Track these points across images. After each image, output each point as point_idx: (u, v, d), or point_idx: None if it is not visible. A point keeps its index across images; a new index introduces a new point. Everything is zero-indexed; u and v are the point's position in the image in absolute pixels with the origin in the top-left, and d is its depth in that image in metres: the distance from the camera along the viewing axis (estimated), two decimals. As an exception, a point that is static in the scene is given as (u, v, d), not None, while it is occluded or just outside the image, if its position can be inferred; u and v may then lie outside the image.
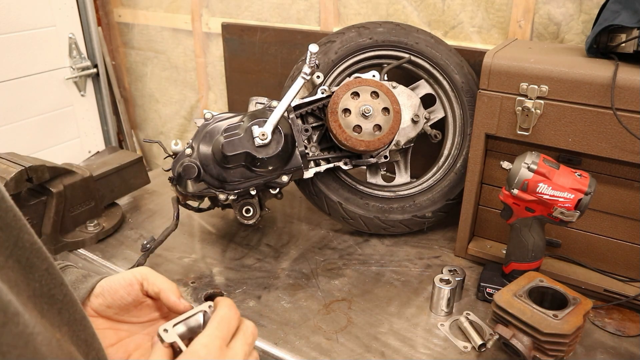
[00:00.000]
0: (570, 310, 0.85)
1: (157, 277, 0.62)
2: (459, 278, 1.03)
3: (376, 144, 1.10)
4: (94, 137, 2.20)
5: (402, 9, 1.48)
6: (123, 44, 2.23)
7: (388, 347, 0.93)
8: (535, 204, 0.95)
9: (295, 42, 1.62)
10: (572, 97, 0.95)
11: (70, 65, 2.04)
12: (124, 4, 2.13)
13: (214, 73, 1.98)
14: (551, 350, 0.82)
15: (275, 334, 0.96)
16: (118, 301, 0.63)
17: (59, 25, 1.97)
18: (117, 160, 1.37)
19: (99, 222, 1.26)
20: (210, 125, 1.10)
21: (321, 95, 1.16)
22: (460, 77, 1.24)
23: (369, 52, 1.25)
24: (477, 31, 1.40)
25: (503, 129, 1.04)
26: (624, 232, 1.03)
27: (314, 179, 1.20)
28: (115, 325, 0.64)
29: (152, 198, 1.48)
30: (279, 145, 1.07)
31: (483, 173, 1.13)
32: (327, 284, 1.11)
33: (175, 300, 0.61)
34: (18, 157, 1.14)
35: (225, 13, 1.83)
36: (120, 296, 0.62)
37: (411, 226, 1.26)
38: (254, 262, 1.19)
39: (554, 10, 1.27)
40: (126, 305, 0.63)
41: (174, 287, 0.62)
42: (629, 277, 1.05)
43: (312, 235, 1.29)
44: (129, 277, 0.62)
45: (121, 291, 0.62)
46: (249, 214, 1.13)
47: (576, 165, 1.02)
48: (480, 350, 0.91)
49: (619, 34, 0.97)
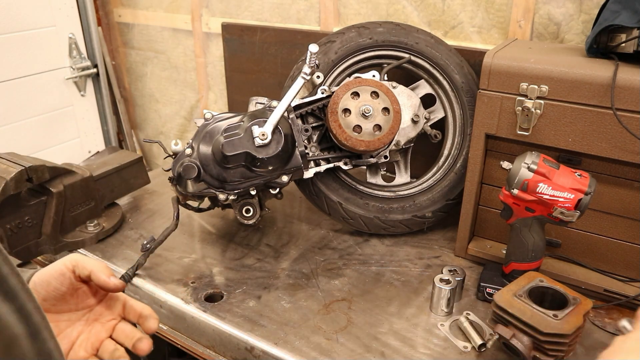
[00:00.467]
0: (570, 310, 0.85)
1: (87, 261, 0.63)
2: (459, 278, 1.03)
3: (376, 144, 1.10)
4: (94, 137, 2.20)
5: (402, 9, 1.48)
6: (123, 44, 2.23)
7: (388, 347, 0.93)
8: (535, 204, 0.95)
9: (295, 42, 1.62)
10: (572, 97, 0.95)
11: (70, 65, 2.04)
12: (124, 4, 2.13)
13: (214, 73, 1.98)
14: (551, 350, 0.82)
15: (275, 334, 0.96)
16: (52, 292, 0.63)
17: (59, 25, 1.97)
18: (117, 160, 1.37)
19: (99, 222, 1.26)
20: (210, 125, 1.10)
21: (321, 95, 1.16)
22: (460, 77, 1.24)
23: (369, 52, 1.25)
24: (477, 31, 1.40)
25: (503, 129, 1.04)
26: (624, 232, 1.03)
27: (314, 179, 1.20)
28: (55, 317, 0.65)
29: (152, 198, 1.48)
30: (279, 145, 1.07)
31: (483, 173, 1.13)
32: (327, 284, 1.11)
33: (105, 279, 0.62)
34: (18, 157, 1.14)
35: (225, 13, 1.83)
36: (54, 287, 0.63)
37: (411, 226, 1.26)
38: (254, 262, 1.19)
39: (554, 10, 1.27)
40: (62, 295, 0.64)
41: (103, 267, 0.63)
42: (629, 277, 1.05)
43: (312, 235, 1.29)
44: (60, 267, 0.63)
45: (54, 282, 0.63)
46: (249, 214, 1.13)
47: (576, 165, 1.02)
48: (480, 350, 0.91)
49: (619, 34, 0.97)
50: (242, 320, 1.00)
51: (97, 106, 2.18)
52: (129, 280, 1.08)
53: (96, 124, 2.20)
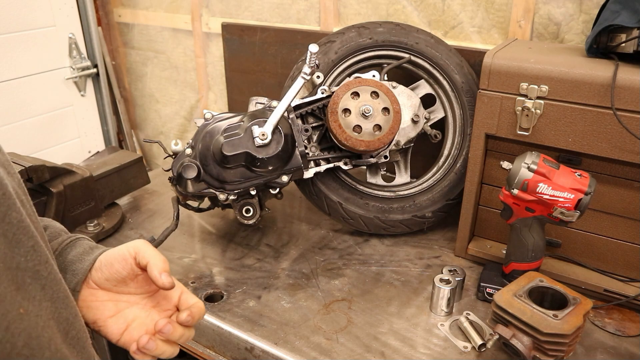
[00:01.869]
0: (570, 310, 0.85)
1: (148, 251, 0.65)
2: (459, 278, 1.03)
3: (376, 144, 1.10)
4: (94, 137, 2.20)
5: (402, 9, 1.48)
6: (123, 44, 2.23)
7: (388, 347, 0.93)
8: (535, 204, 0.95)
9: (295, 42, 1.62)
10: (572, 97, 0.95)
11: (70, 65, 2.04)
12: (124, 4, 2.13)
13: (214, 73, 1.98)
14: (551, 350, 0.82)
15: (275, 334, 0.96)
16: (114, 275, 0.65)
17: (59, 25, 1.97)
18: (117, 160, 1.37)
19: (99, 222, 1.26)
20: (210, 125, 1.10)
21: (321, 95, 1.16)
22: (460, 77, 1.24)
23: (369, 52, 1.25)
24: (477, 31, 1.40)
25: (503, 129, 1.04)
26: (624, 232, 1.03)
27: (314, 179, 1.20)
28: (115, 297, 0.67)
29: (152, 198, 1.48)
30: (279, 145, 1.07)
31: (483, 173, 1.13)
32: (327, 284, 1.11)
33: (156, 275, 0.63)
34: (18, 157, 1.13)
35: (225, 13, 1.83)
36: (116, 270, 0.65)
37: (411, 226, 1.26)
38: (254, 262, 1.19)
39: (554, 10, 1.27)
40: (122, 278, 0.66)
41: (159, 261, 0.64)
42: (629, 277, 1.05)
43: (312, 235, 1.29)
44: (123, 252, 0.66)
45: (116, 265, 0.65)
46: (249, 214, 1.13)
47: (576, 165, 1.02)
48: (480, 350, 0.91)
49: (619, 34, 0.97)
50: (242, 320, 1.00)
51: (97, 106, 2.18)
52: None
53: (96, 124, 2.20)
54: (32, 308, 0.48)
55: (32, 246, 0.50)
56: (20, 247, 0.48)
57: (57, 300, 0.52)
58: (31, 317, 0.48)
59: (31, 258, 0.50)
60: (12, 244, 0.48)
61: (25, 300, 0.48)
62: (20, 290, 0.48)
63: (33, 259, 0.50)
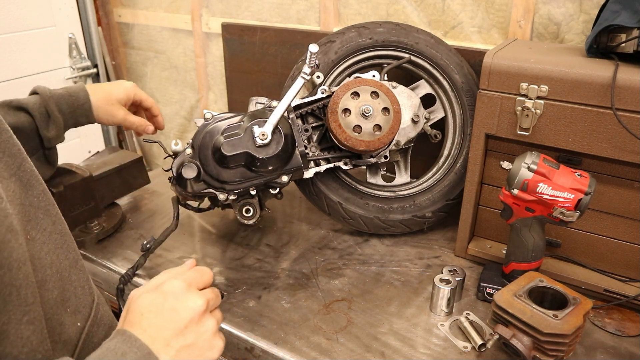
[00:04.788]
0: (570, 310, 0.85)
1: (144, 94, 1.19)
2: (459, 278, 1.03)
3: (376, 144, 1.10)
4: (94, 137, 2.20)
5: (402, 9, 1.48)
6: (123, 44, 2.23)
7: (388, 347, 0.93)
8: (535, 204, 0.95)
9: (295, 42, 1.62)
10: (572, 97, 0.95)
11: (70, 65, 2.04)
12: (124, 4, 2.13)
13: (214, 73, 1.98)
14: (551, 350, 0.83)
15: (275, 334, 0.96)
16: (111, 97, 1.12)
17: (59, 25, 1.97)
18: (117, 160, 1.36)
19: (99, 222, 1.26)
20: (210, 125, 1.10)
21: (321, 95, 1.16)
22: (460, 77, 1.24)
23: (369, 52, 1.25)
24: (477, 31, 1.40)
25: (503, 129, 1.04)
26: (624, 232, 1.03)
27: (314, 179, 1.20)
28: None
29: (152, 198, 1.48)
30: (279, 145, 1.07)
31: (483, 173, 1.13)
32: (327, 284, 1.11)
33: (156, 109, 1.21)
34: (18, 157, 1.13)
35: (225, 13, 1.83)
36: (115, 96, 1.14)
37: (411, 226, 1.26)
38: (254, 262, 1.19)
39: (554, 10, 1.28)
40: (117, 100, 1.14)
41: None
42: (629, 277, 1.05)
43: (312, 235, 1.29)
44: (127, 86, 1.17)
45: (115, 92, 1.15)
46: (249, 214, 1.13)
47: (576, 165, 1.02)
48: (480, 350, 0.91)
49: (619, 34, 0.97)
50: (242, 320, 1.00)
51: (97, 106, 2.18)
52: (129, 280, 1.08)
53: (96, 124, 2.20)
54: (40, 237, 0.58)
55: (43, 190, 0.61)
56: (34, 190, 0.59)
57: (66, 234, 0.63)
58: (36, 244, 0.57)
59: (42, 199, 0.60)
60: (27, 187, 0.58)
61: (34, 230, 0.57)
62: (31, 222, 0.57)
63: (44, 200, 0.60)
